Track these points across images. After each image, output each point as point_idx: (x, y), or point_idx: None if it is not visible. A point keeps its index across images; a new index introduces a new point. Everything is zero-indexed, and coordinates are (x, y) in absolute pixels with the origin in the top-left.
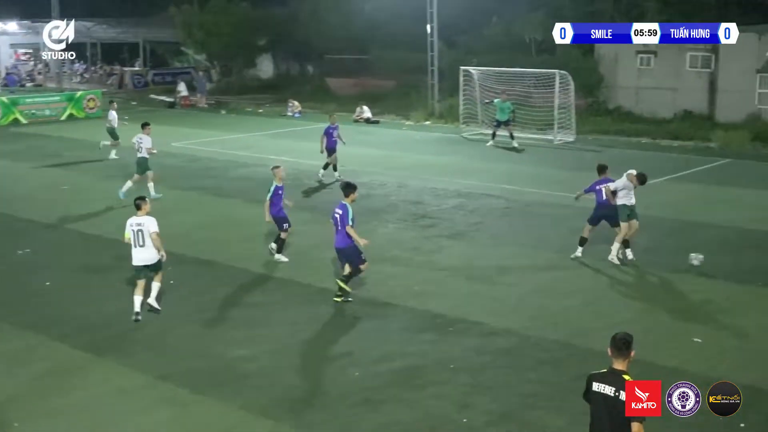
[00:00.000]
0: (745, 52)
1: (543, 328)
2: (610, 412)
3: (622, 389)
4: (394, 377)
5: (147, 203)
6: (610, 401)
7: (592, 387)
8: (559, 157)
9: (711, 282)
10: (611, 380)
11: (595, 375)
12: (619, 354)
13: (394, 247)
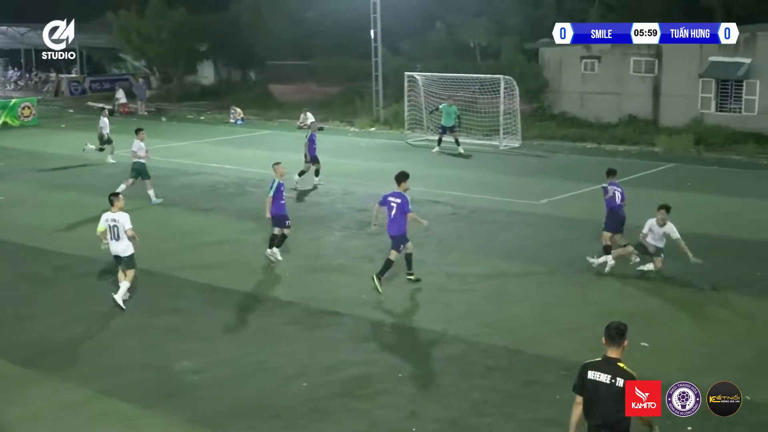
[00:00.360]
0: (688, 57)
1: (492, 334)
2: (606, 399)
3: (618, 376)
4: (343, 387)
5: (120, 200)
6: (607, 388)
7: (588, 376)
8: (505, 162)
9: (659, 286)
10: (606, 368)
11: (590, 364)
12: (613, 342)
13: (340, 255)
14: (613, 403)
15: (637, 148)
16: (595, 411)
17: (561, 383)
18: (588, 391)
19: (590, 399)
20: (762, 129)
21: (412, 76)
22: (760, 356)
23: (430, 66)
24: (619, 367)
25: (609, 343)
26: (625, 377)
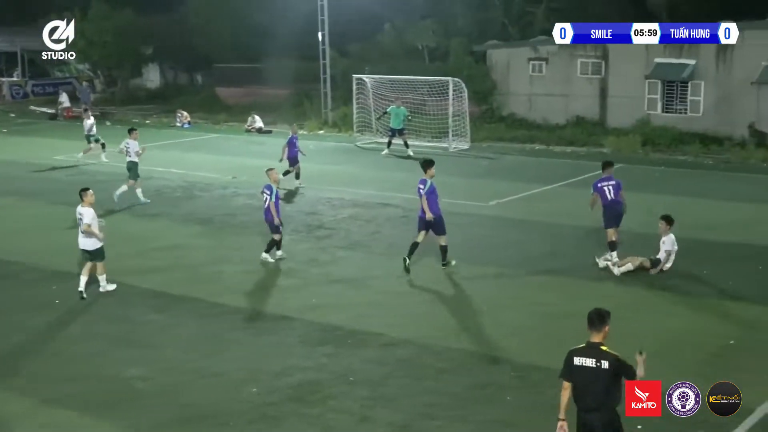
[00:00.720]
0: (634, 59)
1: (443, 337)
2: (593, 382)
3: (602, 359)
4: (293, 392)
5: (89, 195)
6: (593, 372)
7: (574, 362)
8: (454, 164)
9: (610, 286)
10: (591, 353)
11: (575, 351)
12: (594, 328)
13: (289, 259)
14: (601, 386)
15: (585, 150)
16: (585, 395)
17: (513, 385)
18: (576, 377)
19: (579, 384)
20: (707, 129)
21: (361, 78)
22: (706, 355)
23: (379, 68)
24: (602, 350)
25: (591, 329)
26: (608, 359)
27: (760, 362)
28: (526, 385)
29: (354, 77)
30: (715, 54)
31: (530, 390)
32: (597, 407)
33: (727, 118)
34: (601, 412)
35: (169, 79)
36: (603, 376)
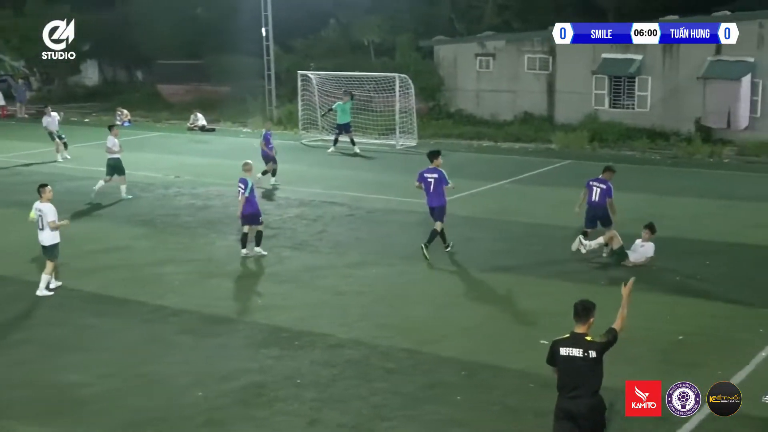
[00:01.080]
0: (581, 54)
1: (391, 337)
2: (582, 371)
3: (590, 349)
4: (239, 395)
5: (48, 191)
6: (582, 361)
7: (560, 352)
8: (401, 162)
9: (557, 283)
10: (577, 344)
11: (560, 341)
12: (579, 319)
13: (234, 260)
14: (589, 374)
15: (533, 146)
16: (573, 383)
17: (462, 384)
18: (563, 366)
19: (566, 372)
20: (654, 125)
21: (306, 74)
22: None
23: (324, 64)
24: (587, 340)
25: (576, 320)
26: (595, 348)
27: (709, 358)
28: (476, 383)
29: (299, 74)
30: (662, 49)
31: (480, 388)
32: (585, 394)
33: (674, 113)
34: (589, 398)
35: (109, 76)
36: (591, 365)
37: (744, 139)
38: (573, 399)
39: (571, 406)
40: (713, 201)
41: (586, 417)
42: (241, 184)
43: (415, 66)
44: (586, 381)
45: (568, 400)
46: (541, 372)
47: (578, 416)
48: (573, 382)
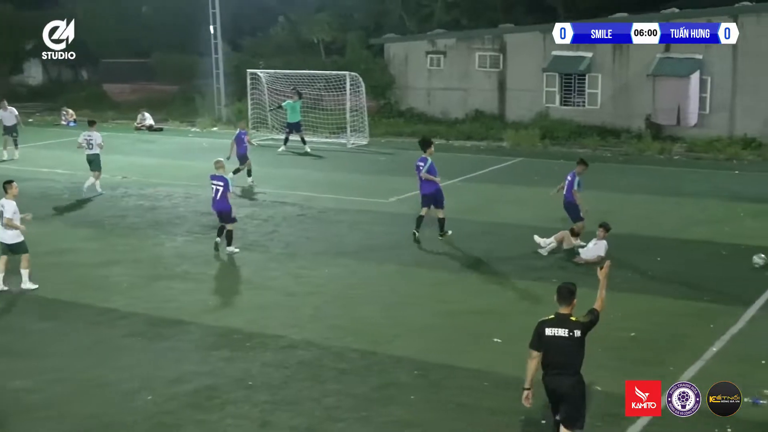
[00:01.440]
0: (531, 52)
1: (343, 337)
2: (567, 350)
3: (575, 329)
4: (190, 399)
5: (13, 187)
6: (565, 341)
7: (546, 333)
8: (353, 161)
9: (510, 282)
10: (562, 324)
11: (545, 322)
12: (564, 301)
13: (184, 261)
14: (574, 353)
15: (484, 144)
16: (558, 361)
17: (416, 384)
18: (548, 346)
19: (551, 351)
20: (604, 122)
21: (255, 73)
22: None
23: (273, 63)
24: (572, 320)
25: (561, 302)
26: (580, 328)
27: (661, 354)
28: (430, 383)
29: (248, 72)
30: (612, 47)
31: (433, 388)
32: (569, 371)
33: (624, 110)
34: (572, 375)
35: (53, 75)
36: (576, 344)
37: (693, 136)
38: (556, 376)
39: (555, 383)
40: (663, 198)
41: (568, 394)
42: (219, 181)
43: (366, 64)
44: (571, 360)
45: (551, 377)
46: (496, 370)
47: (561, 393)
48: (558, 361)
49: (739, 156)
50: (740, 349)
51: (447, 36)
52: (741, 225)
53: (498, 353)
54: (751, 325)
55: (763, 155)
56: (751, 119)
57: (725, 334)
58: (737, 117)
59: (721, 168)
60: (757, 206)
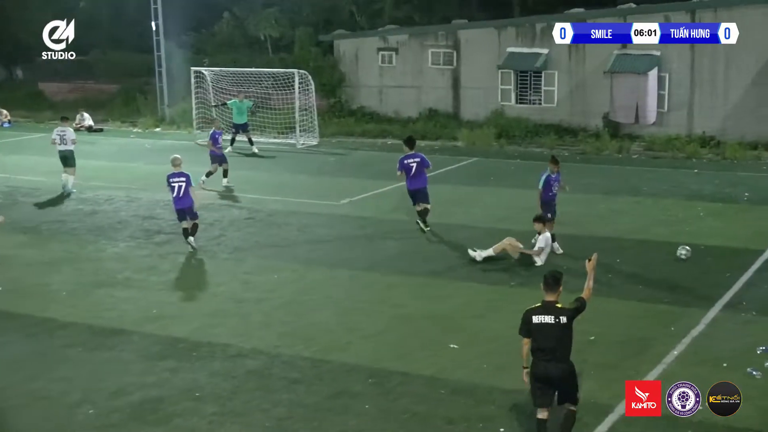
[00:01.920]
0: (486, 48)
1: (294, 345)
2: (554, 336)
3: (561, 315)
4: (134, 411)
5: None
6: (551, 327)
7: (533, 320)
8: (302, 162)
9: (465, 285)
10: (548, 311)
11: (531, 310)
12: (549, 288)
13: (126, 267)
14: (560, 339)
15: (438, 143)
16: (545, 346)
17: (370, 392)
18: (535, 333)
19: (539, 338)
20: (561, 120)
21: (200, 71)
22: None
23: (219, 60)
24: (558, 307)
25: (546, 290)
26: (566, 314)
27: (621, 358)
28: (384, 391)
29: (192, 70)
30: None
31: (388, 397)
32: (558, 358)
33: (581, 108)
34: (561, 361)
35: None
36: (563, 330)
37: (652, 135)
38: (547, 362)
39: (546, 369)
40: (622, 198)
41: (561, 379)
42: (180, 177)
43: (315, 61)
44: (559, 345)
45: (543, 363)
46: (452, 377)
47: (554, 379)
48: (546, 347)
49: (697, 155)
50: (702, 351)
51: (399, 32)
52: (701, 224)
53: (454, 359)
54: (713, 326)
55: (721, 154)
56: (710, 117)
57: (686, 337)
58: (696, 115)
59: (680, 167)
60: (716, 205)
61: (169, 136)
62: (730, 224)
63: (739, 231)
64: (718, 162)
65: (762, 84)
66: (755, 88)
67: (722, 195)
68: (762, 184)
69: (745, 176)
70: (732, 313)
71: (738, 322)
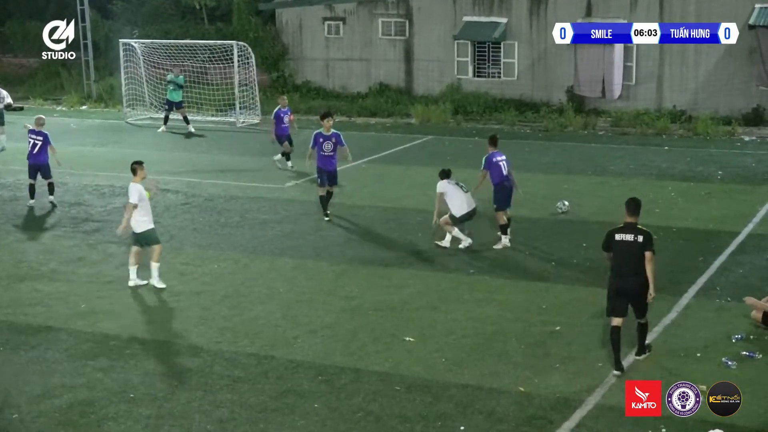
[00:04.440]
0: (440, 17)
1: (236, 341)
2: (630, 252)
3: (639, 234)
4: (62, 416)
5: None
6: (631, 245)
7: (615, 238)
8: (243, 142)
9: (419, 274)
10: (629, 230)
11: (615, 230)
12: (631, 212)
13: (51, 259)
14: (637, 255)
15: (390, 121)
16: (624, 263)
17: (319, 390)
18: (616, 249)
19: (620, 253)
20: (522, 95)
21: (129, 43)
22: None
23: (151, 32)
24: (637, 228)
25: (629, 213)
26: (643, 234)
27: (588, 350)
28: (334, 389)
29: (120, 42)
30: (528, 11)
31: (339, 395)
32: (634, 272)
33: (544, 82)
34: (636, 275)
35: None
36: (639, 247)
37: (619, 109)
38: (625, 277)
39: (624, 283)
40: (587, 177)
41: (636, 292)
42: (38, 136)
43: (255, 32)
44: (636, 261)
45: (620, 279)
46: (406, 373)
47: (630, 292)
48: (625, 263)
49: (667, 130)
50: (674, 341)
51: (346, 0)
52: (671, 205)
53: (408, 354)
54: (685, 314)
55: (693, 129)
56: (680, 91)
57: (658, 326)
58: (665, 88)
59: (649, 144)
60: (687, 185)
61: (96, 114)
62: (703, 205)
63: (712, 212)
64: (690, 138)
65: (736, 54)
66: (728, 59)
67: (694, 174)
68: (736, 162)
69: (718, 153)
70: (705, 299)
71: (711, 309)
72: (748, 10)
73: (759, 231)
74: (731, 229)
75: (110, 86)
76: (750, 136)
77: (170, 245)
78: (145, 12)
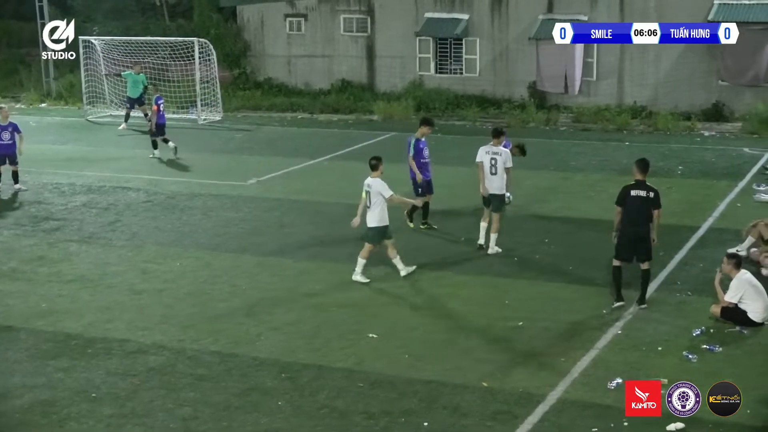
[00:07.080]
0: (402, 13)
1: (199, 339)
2: (642, 206)
3: (650, 191)
4: (23, 416)
5: None
6: (644, 199)
7: (630, 193)
8: (205, 139)
9: (381, 270)
10: (641, 187)
11: (630, 186)
12: (642, 171)
13: (11, 258)
14: (647, 209)
15: (353, 117)
16: (637, 215)
17: (283, 387)
18: (630, 203)
19: (633, 208)
20: (484, 91)
21: (88, 40)
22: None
23: (111, 28)
24: (648, 185)
25: (639, 172)
26: (653, 190)
27: (551, 345)
28: (298, 386)
29: (80, 39)
30: (489, 7)
31: (303, 392)
32: (644, 222)
33: (506, 78)
34: (644, 225)
35: None
36: (649, 202)
37: (580, 105)
38: (635, 227)
39: (636, 233)
40: (549, 173)
41: (643, 240)
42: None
43: (217, 29)
44: (645, 214)
45: (631, 228)
46: (371, 370)
47: (638, 239)
48: (636, 215)
49: (628, 126)
50: (635, 335)
51: None
52: None
53: (372, 350)
54: (646, 309)
55: (653, 125)
56: (641, 86)
57: (619, 320)
58: (626, 84)
59: (610, 139)
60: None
61: (56, 111)
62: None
63: (672, 206)
64: (650, 134)
65: (696, 50)
66: (689, 54)
67: (655, 168)
68: (696, 157)
69: (678, 148)
70: (666, 293)
71: (672, 303)
72: (707, 6)
73: (719, 225)
74: (692, 224)
75: (70, 83)
76: (710, 131)
77: (131, 243)
78: (105, 8)
